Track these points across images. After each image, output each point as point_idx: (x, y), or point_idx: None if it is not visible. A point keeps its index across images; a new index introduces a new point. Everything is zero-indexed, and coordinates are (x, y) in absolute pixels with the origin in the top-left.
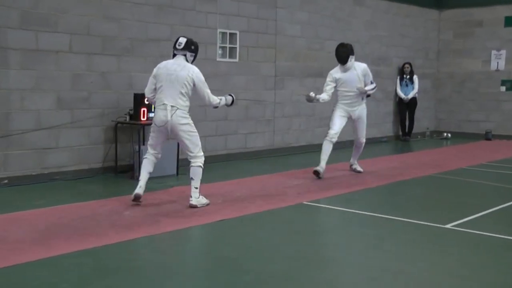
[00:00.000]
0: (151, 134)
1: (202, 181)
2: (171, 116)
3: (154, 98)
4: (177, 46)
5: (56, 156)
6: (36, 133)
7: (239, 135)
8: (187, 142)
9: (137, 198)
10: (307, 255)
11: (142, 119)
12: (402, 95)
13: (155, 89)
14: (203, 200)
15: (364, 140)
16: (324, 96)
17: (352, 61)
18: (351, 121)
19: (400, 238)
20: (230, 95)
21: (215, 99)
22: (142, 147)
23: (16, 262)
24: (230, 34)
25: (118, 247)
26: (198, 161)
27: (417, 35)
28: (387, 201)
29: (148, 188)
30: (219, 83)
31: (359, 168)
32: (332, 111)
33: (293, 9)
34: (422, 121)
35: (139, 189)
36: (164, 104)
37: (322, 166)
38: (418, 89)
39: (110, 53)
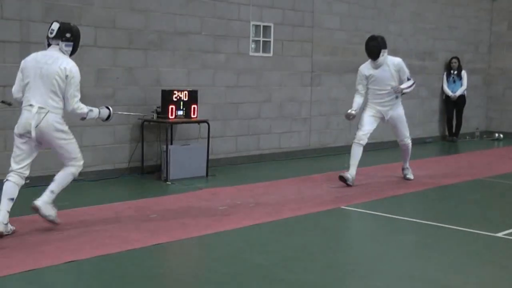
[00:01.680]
0: (15, 144)
1: (234, 183)
2: (39, 120)
3: (22, 98)
4: (49, 34)
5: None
6: None
7: (273, 135)
8: (61, 151)
9: None
10: (345, 265)
11: (170, 117)
12: (449, 92)
13: (26, 85)
14: (51, 211)
15: (409, 141)
16: (358, 101)
17: (384, 56)
18: (384, 123)
19: (446, 247)
20: (107, 107)
21: (83, 108)
22: (170, 146)
23: (36, 266)
24: (264, 27)
25: (142, 252)
26: (72, 169)
27: (467, 27)
28: (432, 206)
29: (176, 190)
30: (252, 79)
31: (409, 175)
32: (363, 111)
33: (331, 0)
34: (471, 121)
35: (3, 226)
36: (30, 105)
37: (351, 173)
38: (467, 86)
39: (137, 47)
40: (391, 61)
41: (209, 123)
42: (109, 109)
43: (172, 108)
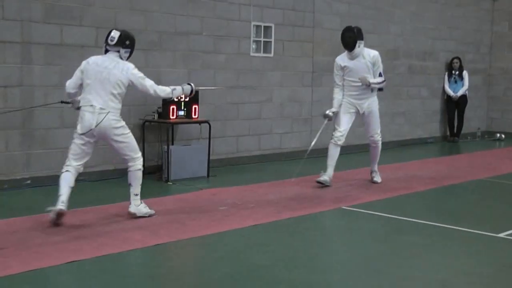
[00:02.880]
0: (75, 142)
1: (235, 183)
2: (101, 121)
3: (76, 95)
4: (109, 41)
5: None
6: (60, 132)
7: (274, 135)
8: (123, 146)
9: (60, 215)
10: (346, 265)
11: (171, 117)
12: (450, 92)
13: (81, 85)
14: (144, 209)
15: (379, 138)
16: (339, 97)
17: (360, 47)
18: (359, 117)
19: (448, 247)
20: (189, 83)
21: (165, 90)
22: (171, 147)
23: (37, 267)
24: (265, 27)
25: (143, 252)
26: (136, 164)
27: (467, 27)
28: (433, 206)
29: (177, 190)
30: (252, 79)
31: (376, 178)
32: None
33: (331, 0)
34: (473, 121)
35: (62, 205)
36: (92, 105)
37: (329, 174)
38: (468, 86)
39: (137, 48)
40: (367, 53)
41: (210, 123)
42: (190, 85)
43: (173, 109)
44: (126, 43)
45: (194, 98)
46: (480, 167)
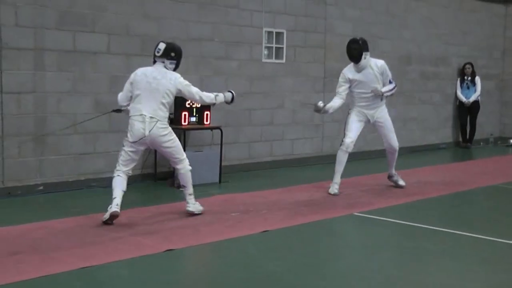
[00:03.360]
0: (125, 149)
1: (247, 189)
2: (151, 129)
3: (128, 107)
4: (155, 52)
5: (93, 162)
6: (72, 138)
7: (286, 141)
8: (171, 150)
9: (114, 217)
10: (359, 272)
11: (183, 123)
12: (463, 98)
13: (131, 97)
14: (200, 207)
15: (397, 145)
16: (336, 103)
17: (366, 59)
18: (369, 126)
19: (462, 254)
20: (229, 91)
21: (209, 96)
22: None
23: (49, 272)
24: (277, 33)
25: (155, 258)
26: (185, 165)
27: (480, 32)
28: (446, 213)
29: None
30: (265, 85)
31: (401, 182)
32: (347, 115)
33: (343, 6)
34: (485, 127)
35: (116, 207)
36: (142, 115)
37: (336, 181)
38: (481, 92)
39: (150, 54)
40: (374, 63)
41: (222, 130)
42: (231, 92)
43: (185, 115)
44: (172, 54)
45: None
46: (493, 173)
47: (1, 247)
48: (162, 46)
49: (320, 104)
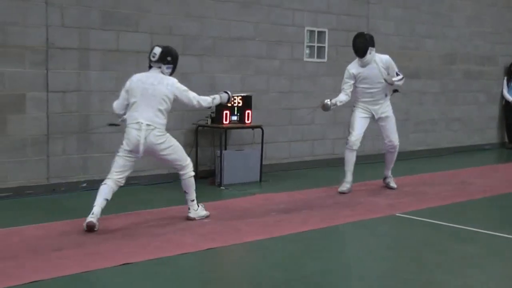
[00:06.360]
0: (119, 155)
1: (287, 189)
2: (146, 137)
3: (124, 116)
4: (151, 57)
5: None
6: (115, 136)
7: (327, 141)
8: (171, 158)
9: (90, 227)
10: (400, 274)
11: (224, 122)
12: (509, 97)
13: (127, 105)
14: (202, 212)
15: (397, 143)
16: (342, 98)
17: (372, 54)
18: (373, 123)
19: (505, 257)
20: (225, 92)
21: (206, 100)
22: (224, 152)
23: (91, 268)
24: (319, 32)
25: (195, 256)
26: (188, 171)
27: None
28: (491, 215)
29: (229, 195)
30: (306, 84)
31: (392, 184)
32: (352, 112)
33: (387, 5)
34: None
35: (92, 217)
36: (138, 122)
37: (348, 180)
38: None
39: (192, 53)
40: (379, 58)
41: (263, 129)
42: (227, 93)
43: (226, 114)
44: (168, 59)
45: (247, 103)
46: None
47: (45, 243)
48: (157, 50)
49: (327, 102)
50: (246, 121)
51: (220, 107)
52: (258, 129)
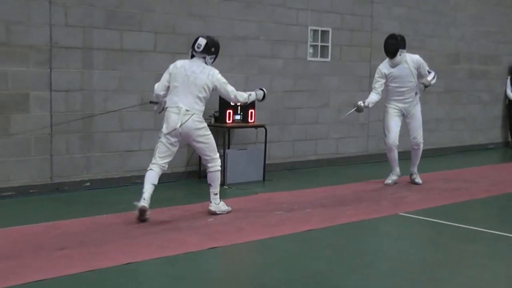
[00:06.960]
0: (161, 141)
1: (291, 188)
2: (186, 121)
3: (164, 97)
4: (196, 48)
5: (138, 159)
6: (119, 135)
7: (330, 140)
8: (204, 146)
9: (142, 212)
10: (403, 273)
11: (227, 121)
12: None
13: (168, 87)
14: (224, 207)
15: (421, 140)
16: (373, 98)
17: (402, 55)
18: (404, 122)
19: (509, 257)
20: (261, 89)
21: (242, 95)
22: (227, 151)
23: (96, 267)
24: (322, 31)
25: (199, 255)
26: (215, 165)
27: None
28: (494, 214)
29: (233, 194)
30: (309, 83)
31: (418, 180)
32: (384, 112)
33: (390, 4)
34: None
35: (144, 202)
36: (178, 107)
37: (397, 173)
38: None
39: None
40: (410, 58)
41: (266, 128)
42: (263, 90)
43: (229, 113)
44: (212, 50)
45: (250, 102)
46: None
47: (49, 242)
48: (202, 41)
49: (361, 103)
50: (250, 120)
51: (224, 106)
52: (262, 128)
